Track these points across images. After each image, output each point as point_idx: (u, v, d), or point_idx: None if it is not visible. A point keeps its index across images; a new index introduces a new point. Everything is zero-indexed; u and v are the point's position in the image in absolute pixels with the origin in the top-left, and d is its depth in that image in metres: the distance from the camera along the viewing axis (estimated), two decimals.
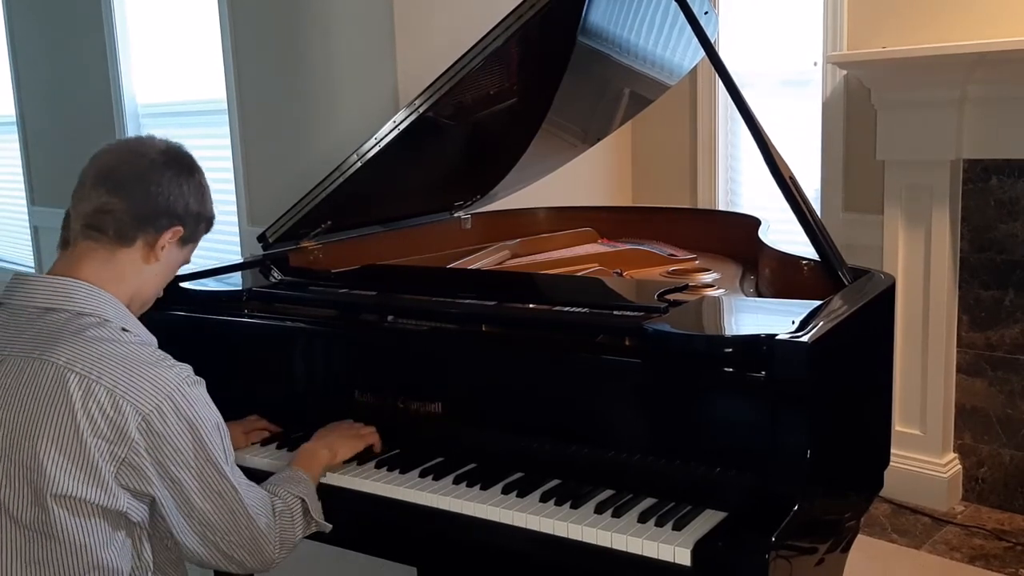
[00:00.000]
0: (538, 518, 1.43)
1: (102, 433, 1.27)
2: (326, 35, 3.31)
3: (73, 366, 1.29)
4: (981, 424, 3.16)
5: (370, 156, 2.05)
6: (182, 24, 4.20)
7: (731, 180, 3.83)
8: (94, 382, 1.28)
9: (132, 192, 1.41)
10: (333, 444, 1.63)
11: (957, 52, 2.84)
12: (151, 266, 1.45)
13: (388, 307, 1.82)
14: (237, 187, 3.89)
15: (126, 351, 1.32)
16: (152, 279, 1.48)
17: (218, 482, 1.36)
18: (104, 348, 1.31)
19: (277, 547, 1.45)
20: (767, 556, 1.26)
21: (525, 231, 2.69)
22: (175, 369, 1.35)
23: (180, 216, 1.46)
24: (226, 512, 1.37)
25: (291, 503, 1.50)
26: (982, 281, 3.09)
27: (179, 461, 1.32)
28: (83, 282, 1.38)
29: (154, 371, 1.31)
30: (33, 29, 4.88)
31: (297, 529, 1.50)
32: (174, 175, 1.44)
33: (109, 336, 1.34)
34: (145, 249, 1.44)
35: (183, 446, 1.32)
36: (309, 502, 1.52)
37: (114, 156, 1.44)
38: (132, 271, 1.44)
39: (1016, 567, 2.77)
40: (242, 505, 1.39)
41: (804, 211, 1.75)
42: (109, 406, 1.27)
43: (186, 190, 1.46)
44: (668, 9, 2.19)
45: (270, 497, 1.48)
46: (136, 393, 1.29)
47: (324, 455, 1.61)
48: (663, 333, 1.46)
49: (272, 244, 2.17)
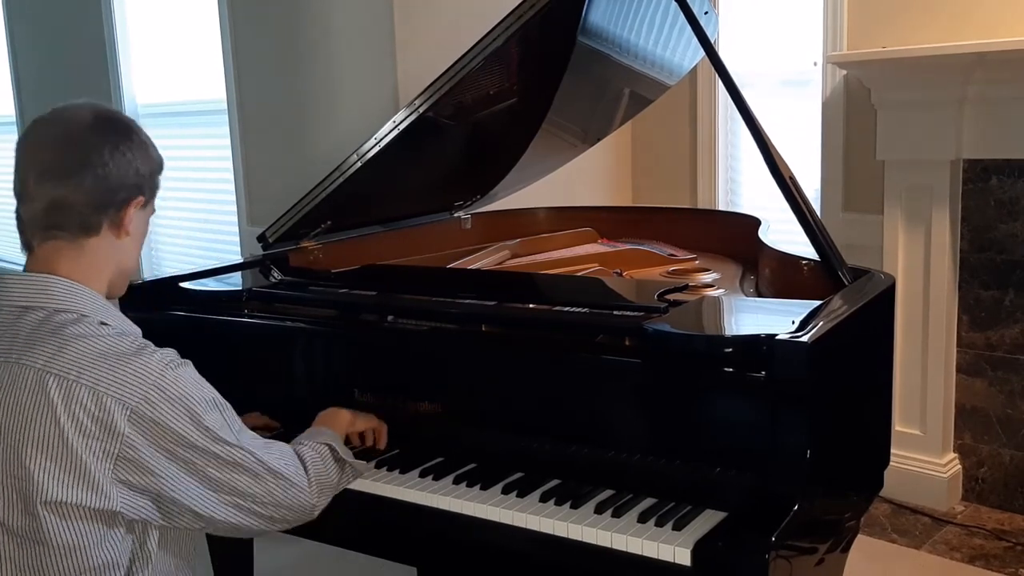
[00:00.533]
0: (538, 518, 1.43)
1: (90, 432, 1.25)
2: (326, 35, 3.31)
3: (51, 368, 1.26)
4: (981, 424, 3.15)
5: (370, 156, 2.05)
6: (182, 24, 4.21)
7: (731, 180, 3.83)
8: (74, 382, 1.25)
9: (81, 180, 1.34)
10: (353, 411, 1.66)
11: (957, 52, 2.83)
12: (123, 241, 1.41)
13: (388, 307, 1.82)
14: (237, 187, 3.89)
15: (105, 345, 1.29)
16: (128, 251, 1.43)
17: (231, 453, 1.34)
18: (82, 345, 1.28)
19: (315, 494, 1.45)
20: (767, 556, 1.26)
21: (525, 231, 2.69)
22: (156, 355, 1.31)
23: (136, 185, 1.39)
24: (250, 477, 1.36)
25: (319, 449, 1.50)
26: (982, 281, 3.08)
27: (185, 444, 1.30)
28: (60, 278, 1.35)
29: (136, 361, 1.29)
30: (33, 29, 4.88)
31: (331, 473, 1.50)
32: (114, 146, 1.36)
33: (87, 332, 1.31)
34: (113, 230, 1.39)
35: (183, 429, 1.29)
36: (337, 447, 1.53)
37: (47, 147, 1.36)
38: (106, 255, 1.39)
39: (1016, 567, 2.77)
40: (264, 466, 1.38)
41: (804, 211, 1.75)
42: (93, 404, 1.25)
43: (131, 156, 1.38)
44: (668, 9, 2.19)
45: (293, 447, 1.48)
46: (119, 387, 1.26)
47: (345, 415, 1.64)
48: (663, 333, 1.46)
49: (272, 244, 2.17)
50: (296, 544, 2.56)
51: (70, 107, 1.40)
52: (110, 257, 1.40)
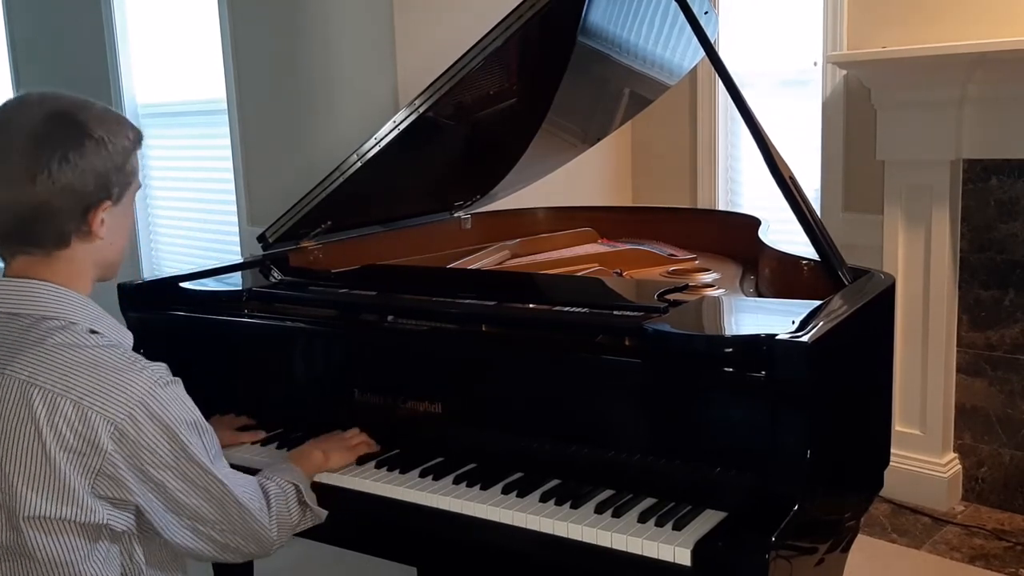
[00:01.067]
0: (538, 518, 1.43)
1: (72, 447, 1.22)
2: (326, 35, 3.31)
3: (36, 379, 1.22)
4: (981, 424, 3.15)
5: (370, 156, 2.05)
6: (182, 24, 4.21)
7: (731, 180, 3.83)
8: (59, 395, 1.22)
9: (32, 196, 1.25)
10: (328, 450, 1.63)
11: (957, 52, 2.83)
12: (101, 241, 1.33)
13: (388, 307, 1.82)
14: (237, 187, 3.89)
15: (93, 357, 1.26)
16: (108, 249, 1.36)
17: (202, 478, 1.32)
18: (69, 356, 1.25)
19: (274, 531, 1.44)
20: (767, 556, 1.26)
21: (525, 231, 2.69)
22: (146, 372, 1.28)
23: (99, 188, 1.30)
24: (215, 505, 1.34)
25: (284, 487, 1.49)
26: (982, 281, 3.08)
27: (157, 463, 1.27)
28: (46, 283, 1.30)
29: (123, 377, 1.25)
30: (33, 29, 4.88)
31: (293, 514, 1.49)
32: (63, 157, 1.26)
33: (74, 341, 1.27)
34: (84, 237, 1.32)
35: (160, 449, 1.27)
36: (303, 489, 1.51)
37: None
38: (84, 259, 1.33)
39: (1016, 567, 2.77)
40: (231, 495, 1.36)
41: (804, 211, 1.75)
42: (77, 419, 1.22)
43: (84, 164, 1.27)
44: (668, 9, 2.19)
45: (260, 481, 1.47)
46: (105, 402, 1.23)
47: (318, 456, 1.61)
48: (663, 333, 1.46)
49: (272, 244, 2.17)
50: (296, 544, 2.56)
51: (22, 106, 1.31)
52: (88, 259, 1.34)
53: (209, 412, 1.39)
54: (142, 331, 1.95)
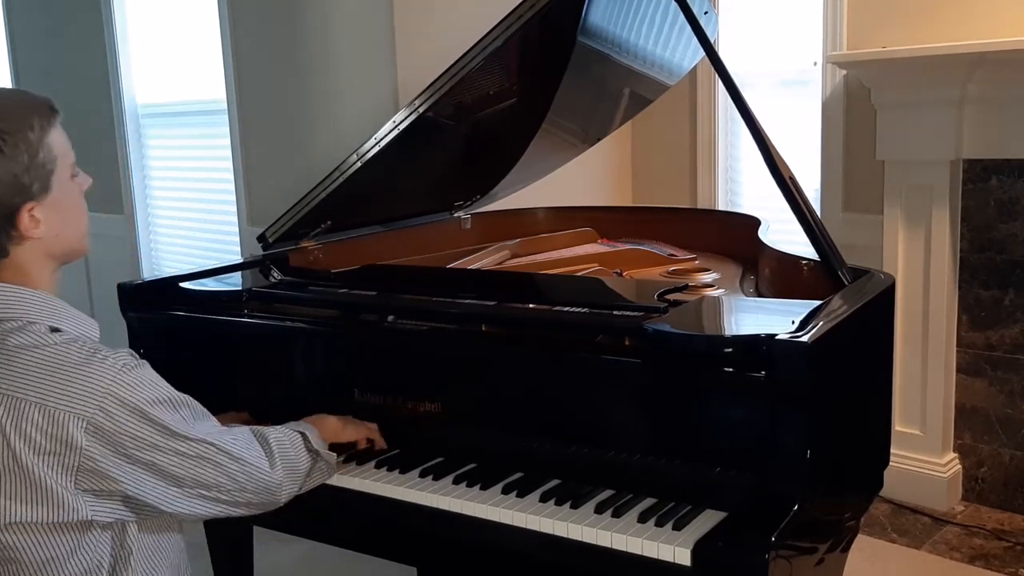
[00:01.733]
0: (538, 518, 1.43)
1: (45, 450, 1.19)
2: (326, 35, 3.31)
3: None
4: (981, 424, 3.15)
5: (370, 156, 2.05)
6: (182, 24, 4.21)
7: (731, 180, 3.83)
8: (21, 400, 1.19)
9: None
10: (345, 421, 1.64)
11: (957, 52, 2.83)
12: (38, 239, 1.28)
13: (388, 307, 1.82)
14: (237, 187, 3.89)
15: (52, 356, 1.22)
16: (56, 238, 1.30)
17: (192, 447, 1.30)
18: (29, 357, 1.22)
19: (279, 473, 1.42)
20: (767, 556, 1.26)
21: (525, 231, 2.69)
22: (108, 361, 1.24)
23: (13, 194, 1.24)
24: (213, 467, 1.32)
25: (289, 435, 1.48)
26: (982, 281, 3.08)
27: (142, 446, 1.25)
28: (4, 284, 1.27)
29: (86, 371, 1.22)
30: (33, 30, 4.89)
31: (301, 458, 1.47)
32: None
33: (33, 342, 1.23)
34: (18, 242, 1.27)
35: (141, 433, 1.24)
36: (311, 436, 1.50)
37: None
38: (31, 259, 1.29)
39: (1016, 567, 2.77)
40: (225, 451, 1.34)
41: (804, 211, 1.75)
42: (44, 421, 1.19)
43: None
44: (668, 9, 2.19)
45: (258, 429, 1.45)
46: (70, 400, 1.20)
47: (333, 421, 1.62)
48: (663, 333, 1.46)
49: (272, 244, 2.17)
50: (296, 544, 2.57)
51: None
52: (38, 256, 1.30)
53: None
54: (142, 331, 1.96)
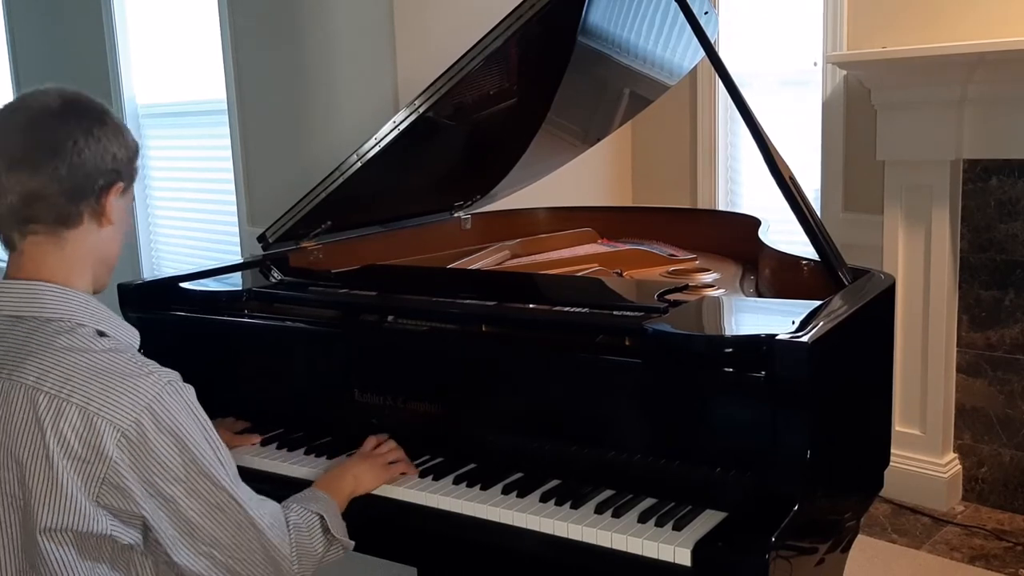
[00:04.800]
0: (538, 518, 1.43)
1: (76, 454, 1.19)
2: (326, 35, 3.31)
3: (42, 385, 1.20)
4: (981, 424, 3.16)
5: (370, 156, 2.05)
6: (182, 24, 4.21)
7: (731, 180, 3.83)
8: (64, 401, 1.20)
9: (54, 170, 1.27)
10: (359, 474, 1.56)
11: (957, 52, 2.84)
12: (106, 229, 1.34)
13: (388, 307, 1.82)
14: (237, 187, 3.89)
15: (99, 361, 1.23)
16: (111, 241, 1.37)
17: (215, 494, 1.27)
18: (75, 360, 1.22)
19: (295, 562, 1.37)
20: (767, 556, 1.26)
21: (525, 231, 2.69)
22: (153, 376, 1.24)
23: (114, 170, 1.32)
24: (231, 527, 1.28)
25: (308, 517, 1.42)
26: (982, 281, 3.09)
27: (168, 476, 1.23)
28: (50, 284, 1.29)
29: (130, 382, 1.22)
30: (33, 30, 4.89)
31: (316, 544, 1.41)
32: (87, 131, 1.29)
33: (80, 345, 1.24)
34: (94, 219, 1.32)
35: (169, 460, 1.23)
36: (328, 519, 1.44)
37: (15, 136, 1.29)
38: (90, 246, 1.33)
39: (1016, 567, 2.77)
40: (248, 518, 1.30)
41: (804, 211, 1.75)
42: (82, 425, 1.19)
43: (105, 142, 1.30)
44: (668, 9, 2.19)
45: (283, 510, 1.40)
46: (111, 408, 1.20)
47: (348, 482, 1.54)
48: (663, 333, 1.46)
49: (272, 244, 2.17)
50: None
51: (36, 93, 1.32)
52: (93, 248, 1.34)
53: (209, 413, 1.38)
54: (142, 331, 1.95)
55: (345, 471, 1.56)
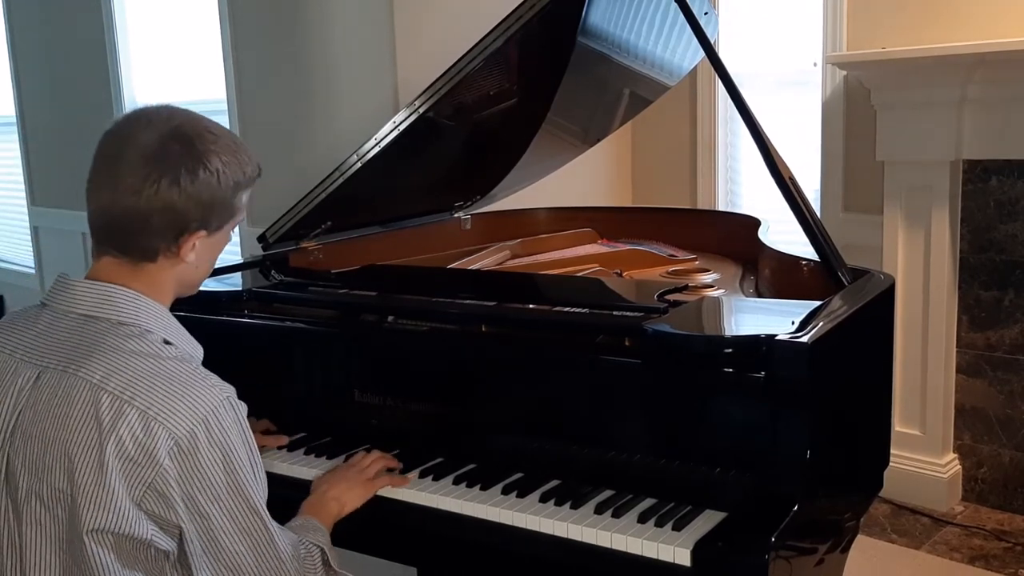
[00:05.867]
0: (538, 518, 1.43)
1: (130, 456, 1.20)
2: (326, 35, 3.31)
3: (107, 384, 1.22)
4: (981, 424, 3.16)
5: (370, 156, 2.05)
6: (182, 23, 4.20)
7: (731, 180, 3.83)
8: (126, 403, 1.21)
9: (131, 212, 1.27)
10: (341, 496, 1.55)
11: (957, 52, 2.84)
12: (185, 265, 1.35)
13: (388, 307, 1.82)
14: None
15: (164, 368, 1.25)
16: (195, 271, 1.38)
17: (250, 520, 1.27)
18: (141, 364, 1.24)
19: None
20: (767, 556, 1.26)
21: (525, 231, 2.69)
22: (214, 390, 1.26)
23: (198, 219, 1.31)
24: (254, 552, 1.29)
25: (312, 550, 1.42)
26: (982, 281, 3.09)
27: (210, 495, 1.24)
28: (127, 289, 1.30)
29: (191, 392, 1.23)
30: (33, 29, 4.89)
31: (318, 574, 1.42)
32: (174, 178, 1.28)
33: (148, 351, 1.26)
34: (171, 258, 1.33)
35: (214, 476, 1.24)
36: (327, 550, 1.44)
37: (103, 159, 1.30)
38: (166, 277, 1.34)
39: (1016, 567, 2.77)
40: (273, 546, 1.31)
41: (804, 211, 1.75)
42: (140, 429, 1.20)
43: (194, 189, 1.29)
44: (668, 9, 2.19)
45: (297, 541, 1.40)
46: (169, 415, 1.21)
47: (333, 507, 1.54)
48: (663, 333, 1.46)
49: (272, 244, 2.17)
50: None
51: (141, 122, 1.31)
52: (171, 278, 1.35)
53: None
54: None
55: (327, 496, 1.55)
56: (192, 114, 1.35)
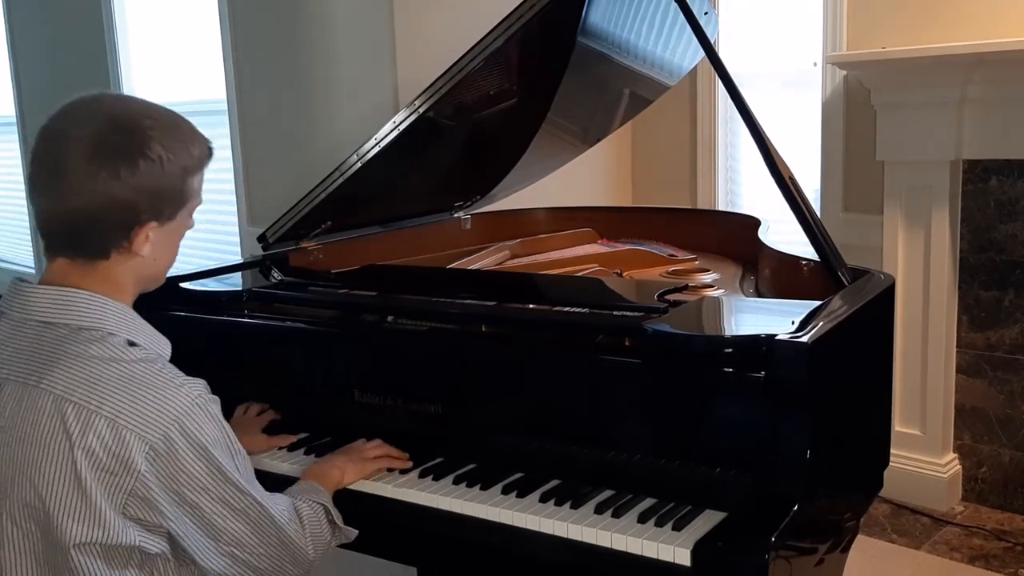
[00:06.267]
0: (538, 518, 1.43)
1: (104, 466, 1.18)
2: (326, 36, 3.31)
3: (71, 395, 1.19)
4: (981, 424, 3.16)
5: (370, 156, 2.05)
6: (182, 23, 4.20)
7: (731, 180, 3.83)
8: (93, 412, 1.18)
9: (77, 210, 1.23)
10: (344, 465, 1.58)
11: (957, 52, 2.84)
12: (141, 258, 1.30)
13: (388, 307, 1.82)
14: (237, 187, 3.89)
15: (130, 372, 1.22)
16: (153, 264, 1.33)
17: (239, 500, 1.28)
18: (105, 370, 1.21)
19: (311, 550, 1.40)
20: (767, 556, 1.26)
21: (525, 231, 2.69)
22: (184, 389, 1.24)
23: (147, 209, 1.26)
24: (253, 527, 1.31)
25: (315, 508, 1.45)
26: (982, 281, 3.09)
27: (195, 487, 1.23)
28: (84, 291, 1.26)
29: (160, 395, 1.21)
30: (33, 29, 4.89)
31: (325, 533, 1.45)
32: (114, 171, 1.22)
33: (111, 355, 1.23)
34: (124, 253, 1.28)
35: (197, 471, 1.23)
36: (331, 509, 1.48)
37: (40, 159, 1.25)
38: (122, 273, 1.30)
39: (1016, 567, 2.77)
40: (269, 517, 1.32)
41: (804, 211, 1.75)
42: (111, 438, 1.18)
43: (137, 181, 1.23)
44: (668, 9, 2.19)
45: (294, 502, 1.43)
46: (140, 421, 1.19)
47: (335, 475, 1.56)
48: (663, 333, 1.46)
49: (272, 244, 2.17)
50: None
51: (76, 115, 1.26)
52: (129, 274, 1.31)
53: None
54: None
55: (329, 464, 1.59)
56: (127, 100, 1.32)
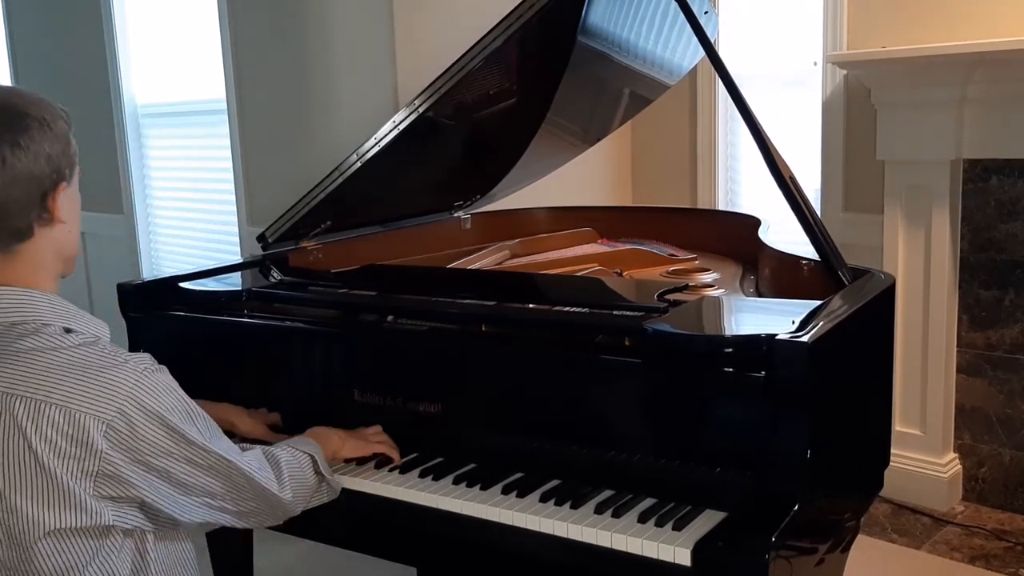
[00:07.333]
0: (538, 518, 1.43)
1: (65, 452, 1.18)
2: (326, 35, 3.32)
3: (16, 390, 1.18)
4: (981, 424, 3.15)
5: (370, 156, 2.05)
6: (182, 24, 4.21)
7: (731, 180, 3.83)
8: (43, 402, 1.18)
9: None
10: (345, 437, 1.64)
11: (957, 52, 2.83)
12: (61, 226, 1.30)
13: (388, 307, 1.82)
14: (237, 187, 3.89)
15: (72, 358, 1.22)
16: (67, 237, 1.32)
17: (205, 458, 1.31)
18: (46, 360, 1.21)
19: (288, 494, 1.44)
20: (767, 556, 1.26)
21: (525, 231, 2.69)
22: (129, 364, 1.24)
23: (52, 172, 1.27)
24: (222, 479, 1.34)
25: (299, 456, 1.49)
26: (982, 281, 3.08)
27: (158, 453, 1.25)
28: (11, 287, 1.26)
29: (108, 374, 1.21)
30: (33, 29, 4.89)
31: (309, 480, 1.49)
32: (13, 142, 1.23)
33: (50, 344, 1.22)
34: (46, 224, 1.28)
35: (158, 439, 1.25)
36: (319, 460, 1.52)
37: None
38: (46, 251, 1.29)
39: (1016, 567, 2.77)
40: (236, 467, 1.35)
41: (804, 211, 1.75)
42: (67, 424, 1.18)
43: (37, 145, 1.25)
44: (668, 9, 2.19)
45: (270, 450, 1.47)
46: (93, 403, 1.19)
47: (335, 440, 1.62)
48: (663, 333, 1.46)
49: (272, 244, 2.17)
50: (296, 544, 2.57)
51: None
52: (51, 250, 1.30)
53: None
54: (142, 331, 1.96)
55: (334, 431, 1.64)
56: None
